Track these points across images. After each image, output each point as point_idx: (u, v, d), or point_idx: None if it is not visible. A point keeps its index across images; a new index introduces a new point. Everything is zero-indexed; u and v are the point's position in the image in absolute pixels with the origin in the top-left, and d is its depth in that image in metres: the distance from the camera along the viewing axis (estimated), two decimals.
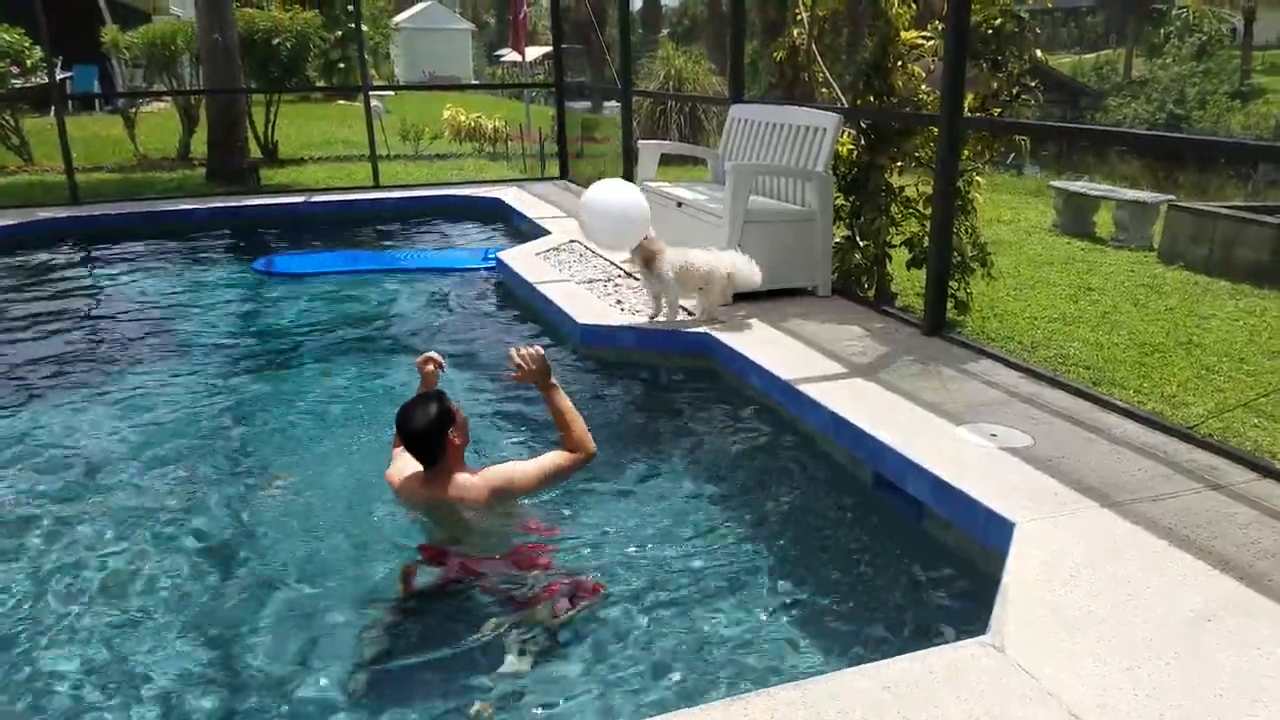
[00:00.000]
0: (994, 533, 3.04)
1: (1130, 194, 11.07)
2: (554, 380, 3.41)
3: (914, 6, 5.98)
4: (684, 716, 2.17)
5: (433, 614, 2.99)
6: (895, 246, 6.18)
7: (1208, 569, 2.76)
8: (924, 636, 2.82)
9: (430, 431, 3.12)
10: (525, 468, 3.29)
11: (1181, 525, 3.01)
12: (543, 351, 3.39)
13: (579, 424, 3.37)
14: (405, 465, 3.31)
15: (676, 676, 2.68)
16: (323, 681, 2.69)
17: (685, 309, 5.32)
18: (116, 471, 3.99)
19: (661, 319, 5.19)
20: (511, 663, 2.72)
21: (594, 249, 7.31)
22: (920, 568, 3.25)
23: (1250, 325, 6.50)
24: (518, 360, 3.37)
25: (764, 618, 2.97)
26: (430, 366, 3.56)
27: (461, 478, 3.20)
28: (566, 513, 3.54)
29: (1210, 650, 2.38)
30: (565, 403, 3.39)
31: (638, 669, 2.71)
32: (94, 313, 6.69)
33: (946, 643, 2.49)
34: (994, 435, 3.70)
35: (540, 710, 2.56)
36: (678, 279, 5.07)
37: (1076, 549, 2.87)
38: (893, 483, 3.57)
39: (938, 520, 3.36)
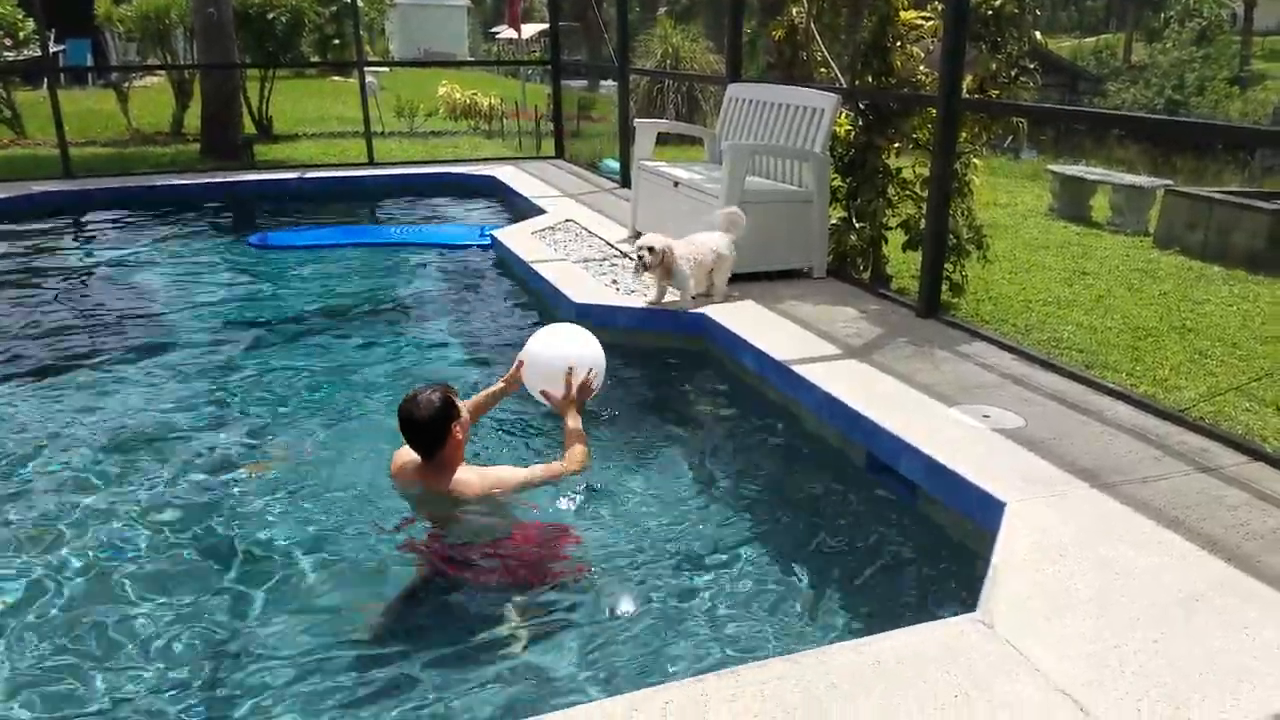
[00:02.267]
0: (985, 512, 3.06)
1: (1127, 178, 11.07)
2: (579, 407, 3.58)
3: None
4: (677, 688, 2.18)
5: (426, 598, 3.00)
6: (891, 228, 6.18)
7: (1196, 550, 2.78)
8: (914, 613, 2.84)
9: (431, 424, 3.10)
10: (515, 475, 3.30)
11: (1171, 507, 3.03)
12: (596, 389, 3.64)
13: (581, 449, 3.47)
14: (407, 451, 3.29)
15: (669, 649, 2.70)
16: (317, 662, 2.70)
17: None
18: (109, 447, 3.98)
19: (670, 300, 5.18)
20: (507, 638, 2.74)
21: (591, 229, 7.30)
22: (911, 546, 3.28)
23: (1244, 310, 6.53)
24: (570, 382, 3.57)
25: (756, 593, 2.99)
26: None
27: (460, 473, 3.19)
28: (561, 492, 3.55)
29: (1197, 630, 2.41)
30: (577, 427, 3.52)
31: (630, 643, 2.73)
32: (88, 287, 6.67)
33: (936, 619, 2.50)
34: (987, 417, 3.72)
35: (535, 684, 2.58)
36: (693, 271, 5.08)
37: (1066, 529, 2.89)
38: (886, 463, 3.59)
39: (930, 500, 3.38)
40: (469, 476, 3.20)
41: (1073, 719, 2.09)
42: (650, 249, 4.89)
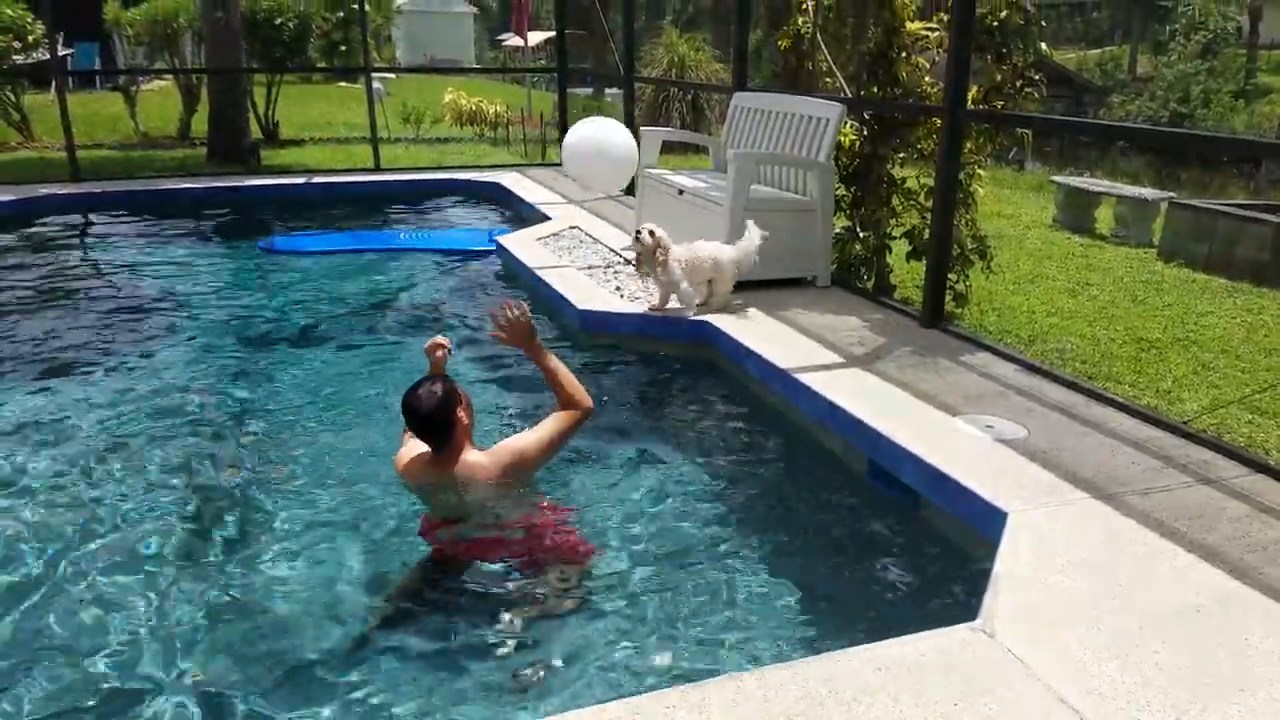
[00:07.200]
0: (987, 522, 3.06)
1: (1131, 190, 11.06)
2: (539, 341, 3.38)
3: None
4: (678, 693, 2.19)
5: (436, 590, 3.01)
6: (895, 238, 6.19)
7: (1198, 561, 2.79)
8: (915, 621, 2.84)
9: (439, 412, 3.07)
10: (530, 439, 3.24)
11: (1173, 518, 3.03)
12: (526, 311, 3.35)
13: (571, 382, 3.35)
14: (412, 448, 3.28)
15: (671, 655, 2.71)
16: (322, 662, 2.71)
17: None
18: (117, 448, 3.99)
19: (674, 306, 5.19)
20: (509, 630, 2.76)
21: (595, 236, 7.33)
22: (913, 555, 3.29)
23: (1247, 323, 6.52)
24: (500, 321, 3.35)
25: (758, 600, 3.00)
26: (440, 352, 3.47)
27: (471, 457, 3.16)
28: (563, 494, 3.56)
29: (1198, 641, 2.41)
30: (554, 362, 3.37)
31: (633, 647, 2.74)
32: (96, 290, 6.68)
33: (937, 628, 2.51)
34: (990, 427, 3.72)
35: (532, 686, 2.58)
36: (686, 273, 5.09)
37: (1068, 539, 2.89)
38: (888, 471, 3.60)
39: (932, 509, 3.39)
40: (479, 459, 3.16)
41: None
42: (651, 231, 4.97)
